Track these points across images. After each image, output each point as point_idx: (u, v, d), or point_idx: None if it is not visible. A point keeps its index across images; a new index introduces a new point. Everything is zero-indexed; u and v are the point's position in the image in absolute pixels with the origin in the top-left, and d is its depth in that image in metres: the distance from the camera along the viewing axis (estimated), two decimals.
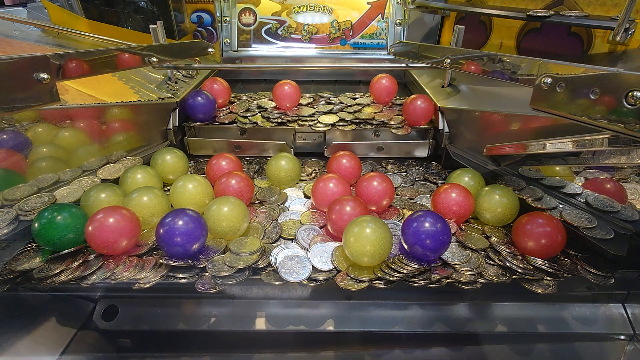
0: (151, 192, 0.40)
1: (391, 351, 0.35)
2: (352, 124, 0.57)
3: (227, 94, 0.61)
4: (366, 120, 0.57)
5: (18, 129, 0.43)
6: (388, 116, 0.58)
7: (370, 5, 0.74)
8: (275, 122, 0.57)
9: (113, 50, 0.44)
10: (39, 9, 0.75)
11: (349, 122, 0.57)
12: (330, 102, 0.62)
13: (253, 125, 0.57)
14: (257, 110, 0.60)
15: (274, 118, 0.57)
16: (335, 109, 0.59)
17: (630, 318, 0.37)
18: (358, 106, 0.60)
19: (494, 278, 0.35)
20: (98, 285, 0.34)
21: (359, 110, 0.59)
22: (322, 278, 0.35)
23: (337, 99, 0.62)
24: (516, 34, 0.58)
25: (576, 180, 0.43)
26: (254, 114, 0.59)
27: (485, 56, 0.44)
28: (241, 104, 0.61)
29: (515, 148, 0.42)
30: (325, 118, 0.57)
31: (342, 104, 0.61)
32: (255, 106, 0.60)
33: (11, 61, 0.31)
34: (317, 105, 0.61)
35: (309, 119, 0.57)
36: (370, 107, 0.61)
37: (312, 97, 0.63)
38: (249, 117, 0.58)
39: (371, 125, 0.56)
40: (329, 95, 0.64)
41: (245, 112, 0.59)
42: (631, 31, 0.44)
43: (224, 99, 0.61)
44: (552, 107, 0.32)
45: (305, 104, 0.61)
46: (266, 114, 0.58)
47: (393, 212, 0.44)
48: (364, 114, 0.58)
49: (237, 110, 0.59)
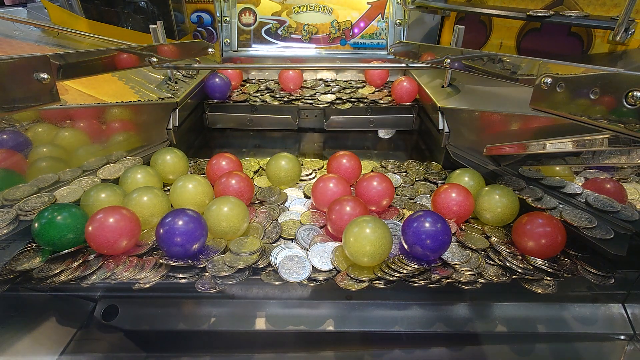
0: (151, 192, 0.40)
1: (391, 351, 0.35)
2: (348, 102, 0.67)
3: (239, 77, 0.72)
4: (360, 99, 0.67)
5: (18, 129, 0.43)
6: (379, 96, 0.68)
7: (370, 5, 0.74)
8: (281, 100, 0.67)
9: (113, 50, 0.44)
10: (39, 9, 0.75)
11: (344, 101, 0.67)
12: (328, 85, 0.73)
13: (263, 103, 0.67)
14: (265, 91, 0.71)
15: (280, 97, 0.68)
16: (332, 90, 0.70)
17: (630, 318, 0.37)
18: (353, 88, 0.71)
19: (494, 278, 0.35)
20: (98, 285, 0.34)
21: (354, 91, 0.70)
22: (322, 278, 0.35)
23: (335, 82, 0.73)
24: (516, 34, 0.58)
25: (576, 180, 0.43)
26: (263, 94, 0.69)
27: (485, 56, 0.44)
28: (252, 86, 0.72)
29: (515, 148, 0.42)
30: (324, 97, 0.67)
31: (338, 86, 0.72)
32: (264, 88, 0.72)
33: (11, 61, 0.31)
34: (317, 88, 0.71)
35: (310, 98, 0.68)
36: (364, 88, 0.71)
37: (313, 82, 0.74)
38: (259, 97, 0.68)
39: (364, 103, 0.66)
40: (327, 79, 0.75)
41: (255, 92, 0.70)
42: (631, 31, 0.44)
43: (237, 82, 0.71)
44: (552, 107, 0.32)
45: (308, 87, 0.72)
46: (274, 94, 0.69)
47: (393, 212, 0.44)
48: (358, 94, 0.68)
49: (249, 90, 0.70)
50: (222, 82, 0.66)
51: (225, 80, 0.67)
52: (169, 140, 0.55)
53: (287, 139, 0.69)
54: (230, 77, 0.68)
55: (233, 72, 0.70)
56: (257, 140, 0.68)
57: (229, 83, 0.67)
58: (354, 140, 0.68)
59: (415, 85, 0.65)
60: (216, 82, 0.66)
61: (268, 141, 0.68)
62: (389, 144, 0.67)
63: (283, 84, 0.69)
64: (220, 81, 0.66)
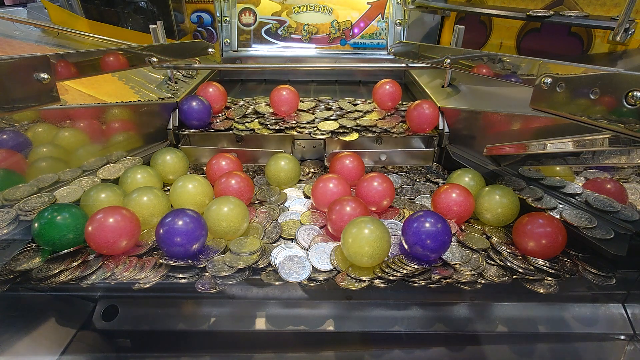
0: (151, 192, 0.40)
1: (391, 351, 0.35)
2: (354, 132, 0.54)
3: (223, 98, 0.58)
4: (368, 127, 0.55)
5: (18, 129, 0.43)
6: (391, 124, 0.55)
7: (370, 5, 0.74)
8: (273, 129, 0.55)
9: (113, 50, 0.44)
10: (39, 9, 0.75)
11: (349, 130, 0.55)
12: (330, 108, 0.59)
13: (250, 133, 0.54)
14: (254, 116, 0.57)
15: (271, 125, 0.55)
16: (335, 115, 0.57)
17: (630, 318, 0.37)
18: (359, 112, 0.58)
19: (494, 278, 0.35)
20: (98, 286, 0.34)
21: (361, 116, 0.57)
22: (322, 278, 0.35)
23: (337, 104, 0.60)
24: (516, 34, 0.58)
25: (576, 180, 0.43)
26: (251, 120, 0.56)
27: (485, 56, 0.44)
28: (238, 110, 0.59)
29: (515, 148, 0.42)
30: (325, 125, 0.55)
31: (342, 109, 0.58)
32: (253, 112, 0.58)
33: (11, 61, 0.31)
34: (316, 111, 0.58)
35: (307, 126, 0.55)
36: (372, 113, 0.58)
37: (312, 102, 0.60)
38: (246, 124, 0.55)
39: (373, 132, 0.54)
40: (328, 100, 0.61)
41: (241, 118, 0.57)
42: (631, 31, 0.44)
43: (220, 105, 0.58)
44: (552, 107, 0.32)
45: (304, 110, 0.59)
46: (264, 120, 0.56)
47: (393, 212, 0.44)
48: (365, 120, 0.56)
49: (234, 116, 0.57)
50: (201, 106, 0.54)
51: (205, 104, 0.54)
52: (169, 140, 0.56)
53: None
54: (212, 99, 0.56)
55: (216, 93, 0.57)
56: None
57: (208, 107, 0.55)
58: None
59: (436, 110, 0.53)
60: (193, 107, 0.53)
61: None
62: None
63: (275, 106, 0.56)
64: (198, 105, 0.54)
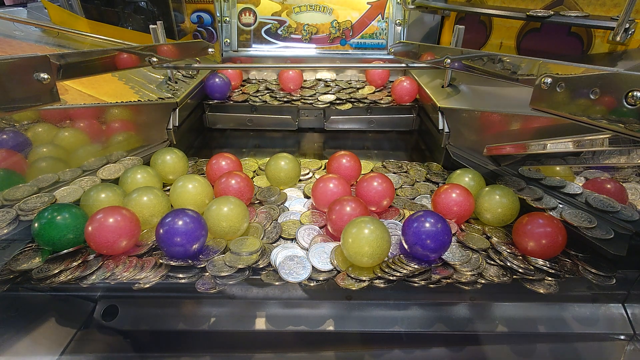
0: (151, 192, 0.40)
1: (391, 351, 0.35)
2: (348, 103, 0.67)
3: (239, 77, 0.72)
4: (359, 99, 0.67)
5: (18, 129, 0.43)
6: (379, 96, 0.68)
7: (370, 5, 0.74)
8: (281, 101, 0.67)
9: (113, 50, 0.44)
10: (39, 9, 0.75)
11: (344, 101, 0.67)
12: (328, 86, 0.73)
13: (263, 103, 0.67)
14: (265, 91, 0.71)
15: (280, 97, 0.68)
16: (332, 90, 0.70)
17: (630, 318, 0.37)
18: (353, 88, 0.71)
19: (494, 278, 0.35)
20: (98, 286, 0.34)
21: (354, 91, 0.70)
22: (322, 278, 0.35)
23: (334, 83, 0.74)
24: (516, 34, 0.58)
25: (576, 180, 0.43)
26: (263, 94, 0.69)
27: (485, 56, 0.44)
28: (252, 86, 0.72)
29: (515, 148, 0.42)
30: (324, 97, 0.68)
31: (338, 86, 0.72)
32: (264, 88, 0.72)
33: (11, 61, 0.31)
34: (317, 89, 0.71)
35: (310, 99, 0.68)
36: (364, 89, 0.71)
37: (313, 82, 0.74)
38: (259, 97, 0.68)
39: (364, 103, 0.67)
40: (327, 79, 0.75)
41: (255, 92, 0.70)
42: (631, 31, 0.44)
43: (237, 82, 0.71)
44: (552, 107, 0.32)
45: (307, 87, 0.72)
46: (274, 94, 0.69)
47: (393, 212, 0.44)
48: (357, 94, 0.69)
49: (249, 91, 0.70)
50: (222, 82, 0.66)
51: (225, 81, 0.67)
52: (169, 140, 0.55)
53: (287, 139, 0.69)
54: (230, 77, 0.69)
55: (233, 72, 0.70)
56: (256, 140, 0.68)
57: (229, 83, 0.67)
58: (354, 140, 0.68)
59: (416, 85, 0.65)
60: (216, 82, 0.66)
61: (268, 141, 0.68)
62: (389, 144, 0.67)
63: (283, 84, 0.69)
64: (220, 81, 0.66)
